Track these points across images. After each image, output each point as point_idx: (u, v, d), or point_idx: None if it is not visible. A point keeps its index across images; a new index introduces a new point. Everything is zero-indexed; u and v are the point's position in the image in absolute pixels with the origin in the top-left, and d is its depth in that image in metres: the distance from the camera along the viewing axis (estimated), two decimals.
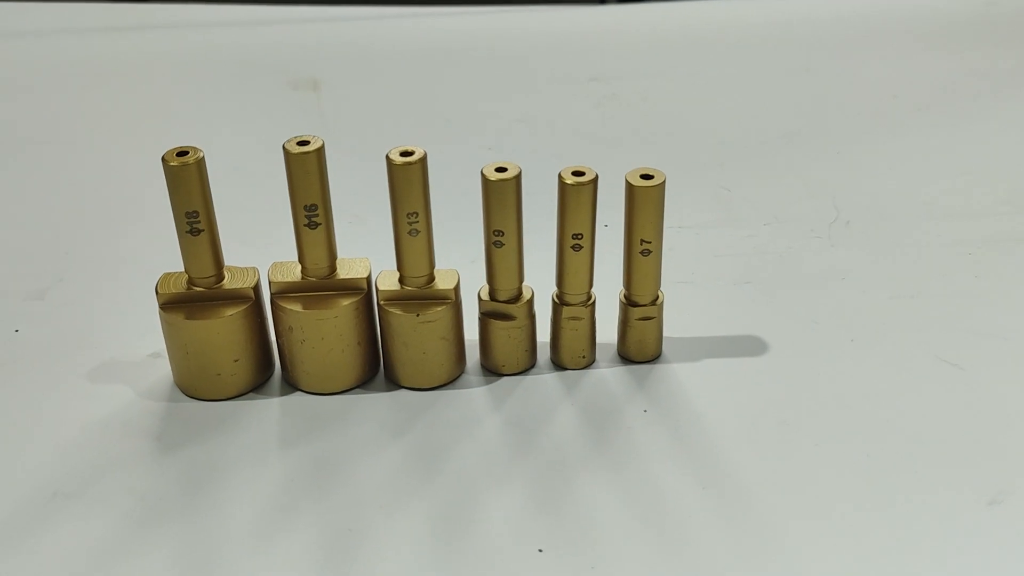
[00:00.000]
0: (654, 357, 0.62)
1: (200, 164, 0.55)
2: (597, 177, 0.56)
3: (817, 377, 0.61)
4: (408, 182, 0.55)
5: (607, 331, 0.63)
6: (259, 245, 0.73)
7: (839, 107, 0.93)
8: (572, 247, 0.58)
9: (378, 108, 0.92)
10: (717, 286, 0.69)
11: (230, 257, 0.61)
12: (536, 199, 0.69)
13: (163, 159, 0.55)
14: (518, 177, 0.56)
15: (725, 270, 0.70)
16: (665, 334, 0.63)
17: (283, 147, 0.55)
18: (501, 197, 0.56)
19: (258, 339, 0.60)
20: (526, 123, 0.89)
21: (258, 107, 0.93)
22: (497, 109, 0.92)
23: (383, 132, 0.89)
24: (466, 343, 0.62)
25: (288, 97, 0.94)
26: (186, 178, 0.55)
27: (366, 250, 0.69)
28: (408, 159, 0.55)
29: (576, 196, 0.56)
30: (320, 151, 0.55)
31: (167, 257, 0.70)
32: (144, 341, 0.64)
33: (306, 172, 0.55)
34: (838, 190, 0.79)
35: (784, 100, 0.94)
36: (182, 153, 0.55)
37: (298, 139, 0.56)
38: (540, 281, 0.63)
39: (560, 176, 0.56)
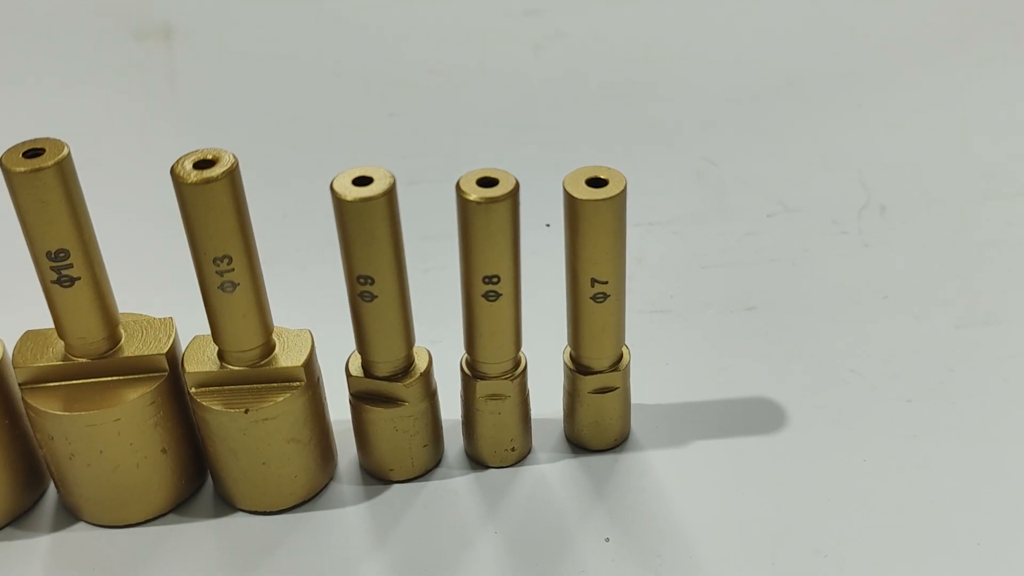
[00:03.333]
0: (618, 442, 0.42)
1: None
2: (518, 187, 0.35)
3: (863, 468, 0.40)
4: (210, 211, 0.34)
5: (548, 401, 0.42)
6: (9, 296, 0.51)
7: (856, 42, 0.70)
8: (485, 295, 0.37)
9: (246, 62, 0.70)
10: (706, 315, 0.48)
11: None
12: (438, 200, 0.48)
13: None
14: (390, 193, 0.35)
15: (717, 289, 0.49)
16: (634, 400, 0.42)
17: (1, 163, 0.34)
18: (365, 226, 0.35)
19: (7, 451, 0.39)
20: (440, 75, 0.67)
21: (91, 64, 0.70)
22: (402, 57, 0.70)
23: (253, 93, 0.67)
24: (339, 432, 0.42)
25: (131, 50, 0.72)
26: None
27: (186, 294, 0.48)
28: (207, 173, 0.34)
29: (486, 219, 0.35)
30: (63, 164, 0.34)
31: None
32: None
33: (42, 203, 0.34)
34: (865, 159, 0.58)
35: (785, 34, 0.71)
36: None
37: (28, 146, 0.34)
38: (445, 333, 0.43)
39: (460, 188, 0.35)
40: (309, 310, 0.45)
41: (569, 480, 0.41)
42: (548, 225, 0.53)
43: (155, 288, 0.49)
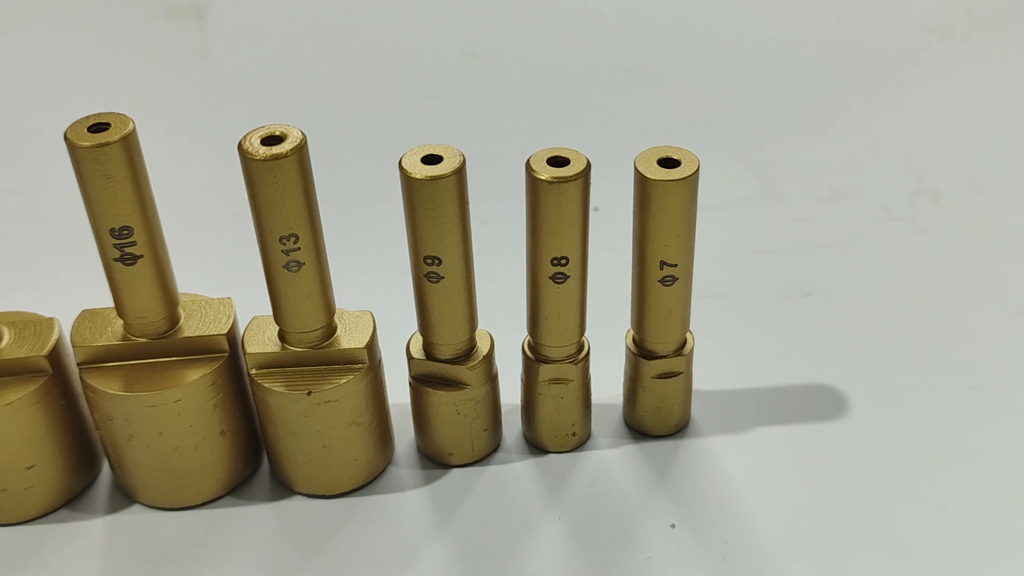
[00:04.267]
0: (678, 428, 0.41)
1: None
2: (589, 167, 0.34)
3: (926, 455, 0.40)
4: (278, 189, 0.33)
5: (607, 386, 0.42)
6: (69, 276, 0.50)
7: (903, 23, 0.69)
8: (553, 278, 0.36)
9: (281, 43, 0.69)
10: (761, 301, 0.47)
11: (12, 298, 0.40)
12: (492, 185, 0.47)
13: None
14: (460, 171, 0.34)
15: (771, 274, 0.49)
16: (693, 386, 0.42)
17: (65, 136, 0.33)
18: (435, 205, 0.34)
19: (64, 432, 0.38)
20: (477, 58, 0.67)
21: (119, 43, 0.69)
22: (437, 39, 0.69)
23: (287, 74, 0.66)
24: (396, 415, 0.41)
25: (161, 30, 0.71)
26: None
27: (256, 273, 0.47)
28: (276, 149, 0.33)
29: (557, 199, 0.34)
30: (129, 139, 0.33)
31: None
32: None
33: (107, 179, 0.33)
34: (913, 145, 0.57)
35: (829, 15, 0.70)
36: None
37: (93, 120, 0.34)
38: (505, 317, 0.42)
39: (530, 167, 0.34)
40: (351, 292, 0.44)
41: (630, 466, 0.40)
42: (596, 209, 0.52)
43: (205, 267, 0.48)
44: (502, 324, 0.41)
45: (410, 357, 0.39)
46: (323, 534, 0.38)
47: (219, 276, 0.47)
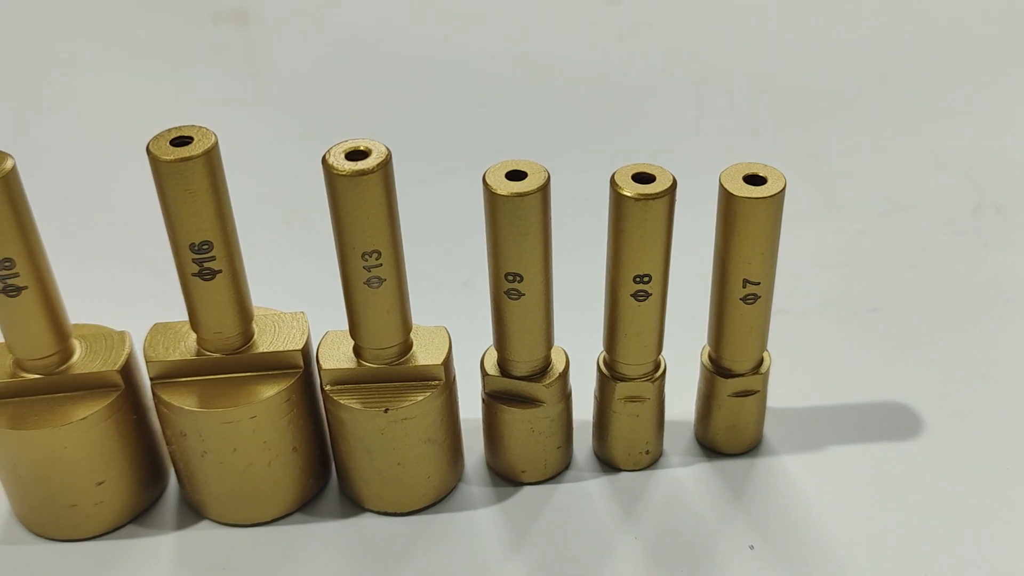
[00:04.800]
0: (751, 446, 0.41)
1: (7, 182, 0.33)
2: (675, 184, 0.34)
3: (1005, 475, 0.39)
4: (363, 204, 0.33)
5: (676, 403, 0.41)
6: (134, 288, 0.50)
7: (959, 35, 0.69)
8: (635, 295, 0.36)
9: (326, 50, 0.69)
10: (827, 316, 0.47)
11: (83, 311, 0.39)
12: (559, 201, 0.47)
13: None
14: (545, 188, 0.33)
15: (836, 289, 0.48)
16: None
17: (148, 149, 0.33)
18: (519, 222, 0.34)
19: (134, 447, 0.38)
20: (526, 65, 0.66)
21: (165, 49, 0.69)
22: (485, 46, 0.68)
23: (333, 84, 0.66)
24: (464, 431, 0.40)
25: (207, 35, 0.71)
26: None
27: (307, 284, 0.47)
28: (361, 165, 0.32)
29: (643, 217, 0.34)
30: (211, 153, 0.33)
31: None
32: None
33: (190, 193, 0.33)
34: (974, 156, 0.57)
35: (884, 25, 0.69)
36: None
37: (175, 133, 0.33)
38: (572, 335, 0.41)
39: (615, 183, 0.34)
40: (426, 295, 0.44)
41: (705, 485, 0.39)
42: None
43: (290, 258, 0.48)
44: (558, 338, 0.41)
45: (484, 373, 0.38)
46: (397, 552, 0.37)
47: (274, 287, 0.46)
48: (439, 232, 0.52)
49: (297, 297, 0.43)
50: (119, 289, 0.49)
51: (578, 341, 0.40)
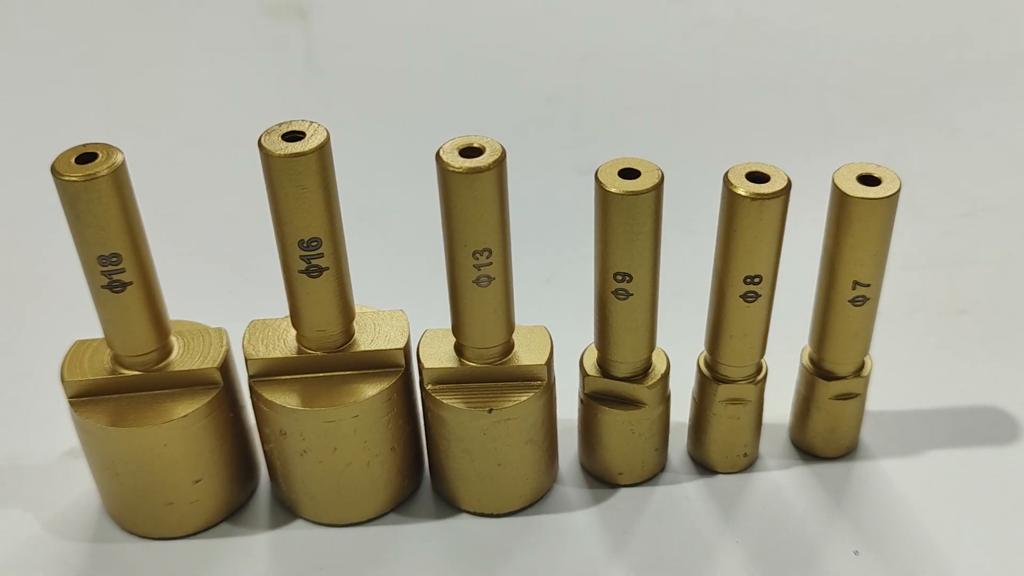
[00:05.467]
0: (849, 450, 0.40)
1: (117, 176, 0.32)
2: (790, 184, 0.33)
3: None
4: (476, 202, 0.32)
5: (771, 405, 0.40)
6: (227, 285, 0.50)
7: None
8: (744, 296, 0.35)
9: (386, 43, 0.68)
10: (916, 319, 0.46)
11: (180, 308, 0.39)
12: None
13: (54, 171, 0.32)
14: (659, 187, 0.33)
15: (922, 291, 0.47)
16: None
17: (260, 143, 0.32)
18: (632, 221, 0.33)
19: (230, 445, 0.38)
20: (592, 61, 0.65)
21: (222, 42, 0.69)
22: (551, 42, 0.68)
23: (393, 77, 0.65)
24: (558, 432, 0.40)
25: (264, 27, 0.70)
26: (94, 203, 0.32)
27: (391, 282, 0.47)
28: (475, 162, 0.32)
29: (757, 217, 0.33)
30: (323, 150, 0.32)
31: (79, 311, 0.48)
32: (55, 432, 0.42)
33: (302, 189, 0.32)
34: None
35: (956, 20, 0.69)
36: (86, 157, 0.32)
37: (286, 128, 0.33)
38: (663, 336, 0.41)
39: (729, 182, 0.33)
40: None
41: (803, 489, 0.39)
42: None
43: (367, 256, 0.47)
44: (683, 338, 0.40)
45: (584, 374, 0.38)
46: (496, 553, 0.37)
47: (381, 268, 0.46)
48: (515, 231, 0.52)
49: (376, 293, 0.42)
50: (194, 286, 0.49)
51: (666, 341, 0.39)
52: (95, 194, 0.32)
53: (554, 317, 0.41)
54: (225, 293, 0.48)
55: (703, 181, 0.41)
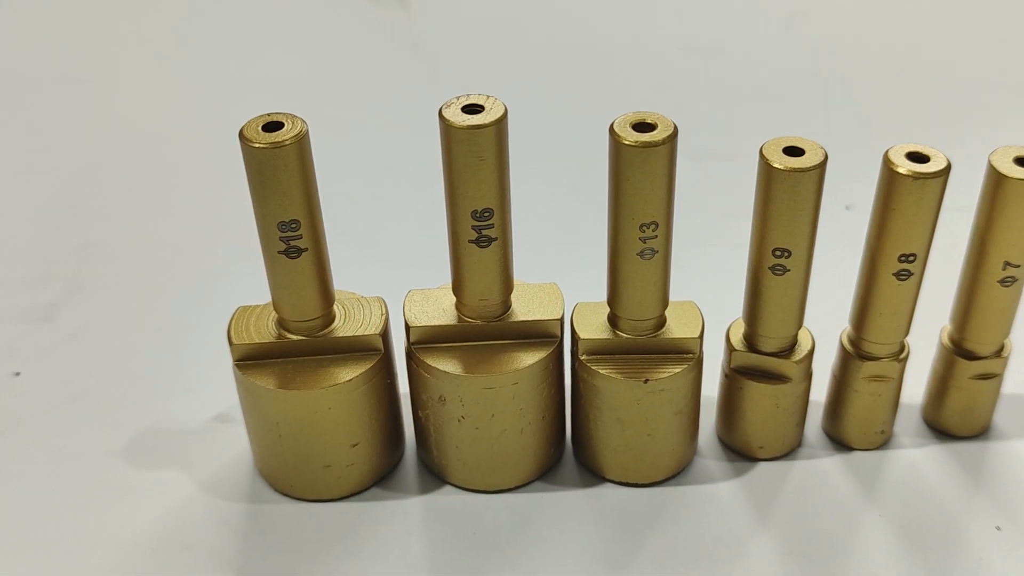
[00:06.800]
0: (983, 430, 0.41)
1: (301, 144, 0.33)
2: (950, 166, 0.34)
3: None
4: (648, 175, 0.33)
5: (903, 385, 0.41)
6: (376, 254, 0.51)
7: None
8: (898, 274, 0.36)
9: (490, 31, 0.70)
10: None
11: (337, 278, 0.40)
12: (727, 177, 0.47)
13: (243, 137, 0.33)
14: (822, 166, 0.34)
15: None
16: None
17: (441, 114, 0.33)
18: (796, 197, 0.34)
19: (385, 412, 0.39)
20: (696, 51, 0.66)
21: (326, 30, 0.70)
22: (653, 31, 0.69)
23: (498, 65, 0.66)
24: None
25: (367, 16, 0.72)
26: (280, 170, 0.33)
27: (536, 259, 0.47)
28: (648, 137, 0.33)
29: (918, 196, 0.34)
30: (501, 123, 0.33)
31: (239, 272, 0.49)
32: (206, 396, 0.43)
33: (480, 160, 0.33)
34: None
35: None
36: (272, 126, 0.33)
37: (465, 101, 0.34)
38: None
39: (890, 160, 0.34)
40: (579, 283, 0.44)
41: (940, 466, 0.40)
42: (848, 208, 0.52)
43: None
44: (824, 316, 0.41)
45: (731, 348, 0.39)
46: (643, 522, 0.38)
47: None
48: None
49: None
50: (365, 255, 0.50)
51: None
52: (281, 161, 0.33)
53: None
54: (357, 269, 0.50)
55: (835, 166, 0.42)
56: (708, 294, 0.41)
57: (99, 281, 0.49)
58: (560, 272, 0.43)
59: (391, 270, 0.49)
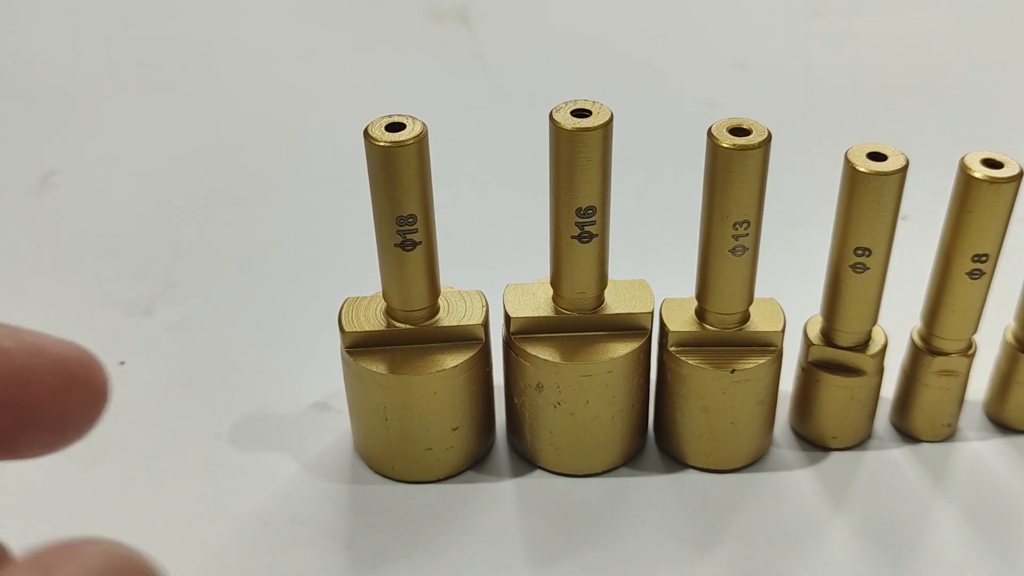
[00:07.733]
0: None
1: (421, 144, 0.36)
2: (1023, 172, 0.37)
3: None
4: (743, 177, 0.36)
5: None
6: (471, 254, 0.53)
7: None
8: (970, 273, 0.38)
9: (549, 47, 0.72)
10: None
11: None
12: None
13: (368, 136, 0.36)
14: (904, 170, 0.36)
15: None
16: None
17: (552, 117, 0.36)
18: (879, 199, 0.36)
19: (483, 398, 0.41)
20: (745, 68, 0.69)
21: (390, 45, 0.73)
22: (704, 50, 0.71)
23: (557, 79, 0.69)
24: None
25: (429, 32, 0.74)
26: (402, 167, 0.36)
27: (625, 259, 0.50)
28: (745, 140, 0.35)
29: (993, 199, 0.37)
30: (607, 127, 0.36)
31: (343, 264, 0.51)
32: (305, 386, 0.45)
33: (588, 160, 0.36)
34: None
35: None
36: (394, 127, 0.36)
37: (573, 106, 0.36)
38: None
39: (965, 166, 0.37)
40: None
41: (1006, 458, 0.42)
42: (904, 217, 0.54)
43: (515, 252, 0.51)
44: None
45: (809, 343, 0.41)
46: (724, 507, 0.40)
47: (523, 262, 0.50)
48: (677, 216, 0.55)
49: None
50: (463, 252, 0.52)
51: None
52: (404, 159, 0.36)
53: None
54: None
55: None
56: (769, 295, 0.43)
57: (192, 278, 0.52)
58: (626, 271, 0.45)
59: (474, 268, 0.52)
